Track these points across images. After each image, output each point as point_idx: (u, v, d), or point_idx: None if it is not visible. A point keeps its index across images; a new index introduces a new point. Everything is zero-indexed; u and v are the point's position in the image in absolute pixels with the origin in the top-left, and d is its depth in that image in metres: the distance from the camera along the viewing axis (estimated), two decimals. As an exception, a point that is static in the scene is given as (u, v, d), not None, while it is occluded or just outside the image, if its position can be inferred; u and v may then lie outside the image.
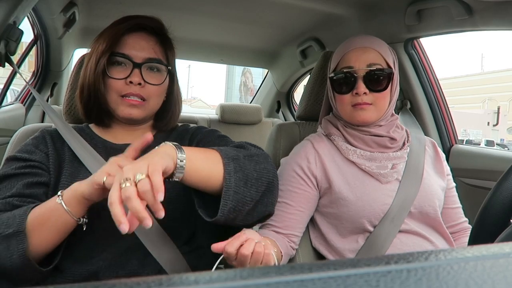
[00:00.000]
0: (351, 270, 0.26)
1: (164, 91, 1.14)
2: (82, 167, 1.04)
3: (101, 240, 0.98)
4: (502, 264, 0.28)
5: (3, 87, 2.41)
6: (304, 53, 2.73)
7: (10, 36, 1.19)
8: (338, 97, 1.26)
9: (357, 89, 1.19)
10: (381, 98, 1.21)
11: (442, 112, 2.11)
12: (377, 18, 1.90)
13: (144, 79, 1.06)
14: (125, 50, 1.07)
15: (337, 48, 1.32)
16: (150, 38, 1.11)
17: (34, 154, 1.04)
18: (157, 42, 1.12)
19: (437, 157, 1.35)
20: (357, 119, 1.21)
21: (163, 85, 1.11)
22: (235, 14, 2.17)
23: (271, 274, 0.25)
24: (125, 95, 1.05)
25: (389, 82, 1.21)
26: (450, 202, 1.32)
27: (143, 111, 1.08)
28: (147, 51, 1.08)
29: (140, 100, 1.06)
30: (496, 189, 0.80)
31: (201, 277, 0.25)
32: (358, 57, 1.21)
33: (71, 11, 1.91)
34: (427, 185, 1.23)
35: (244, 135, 3.04)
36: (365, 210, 1.17)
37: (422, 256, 0.29)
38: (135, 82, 1.04)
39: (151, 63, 1.08)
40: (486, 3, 1.43)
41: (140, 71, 1.05)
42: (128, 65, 1.06)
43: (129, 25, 1.09)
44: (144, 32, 1.11)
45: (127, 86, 1.05)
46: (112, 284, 0.24)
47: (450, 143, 2.09)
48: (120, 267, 0.97)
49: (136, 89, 1.05)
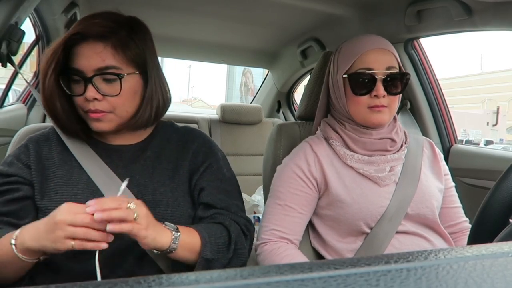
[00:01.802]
0: (351, 269, 0.26)
1: (132, 96, 1.04)
2: (74, 169, 1.04)
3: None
4: (501, 263, 0.29)
5: (5, 87, 2.41)
6: (305, 53, 2.73)
7: (11, 36, 1.19)
8: (353, 98, 1.22)
9: (377, 91, 1.17)
10: (394, 101, 1.21)
11: (441, 112, 2.11)
12: (377, 18, 1.90)
13: (100, 93, 0.98)
14: (74, 65, 0.99)
15: (345, 46, 1.29)
16: (97, 44, 0.98)
17: (13, 167, 1.02)
18: (107, 46, 0.99)
19: (435, 158, 1.34)
20: (373, 121, 1.20)
21: (124, 94, 1.01)
22: (236, 15, 2.17)
23: (271, 274, 0.25)
24: (87, 111, 1.00)
25: (404, 85, 1.21)
26: (449, 202, 1.31)
27: (110, 122, 1.02)
28: (95, 60, 0.98)
29: (104, 112, 1.00)
30: (495, 189, 0.80)
31: (202, 276, 0.25)
32: (377, 59, 1.19)
33: (72, 12, 1.91)
34: (424, 186, 1.23)
35: (244, 135, 3.05)
36: (361, 212, 1.17)
37: (421, 255, 0.29)
38: (90, 98, 0.97)
39: (102, 76, 0.98)
40: (486, 4, 1.43)
41: (93, 86, 0.97)
42: (81, 80, 0.99)
43: (74, 37, 0.98)
44: (91, 39, 0.99)
45: (86, 102, 0.99)
46: (113, 283, 0.24)
47: (449, 143, 2.09)
48: (117, 266, 0.97)
49: (95, 104, 0.99)
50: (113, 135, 1.10)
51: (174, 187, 1.07)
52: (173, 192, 1.06)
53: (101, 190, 1.00)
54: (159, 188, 1.05)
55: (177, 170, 1.10)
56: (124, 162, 1.07)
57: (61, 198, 0.98)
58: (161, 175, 1.08)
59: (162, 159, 1.11)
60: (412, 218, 1.20)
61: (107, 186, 1.01)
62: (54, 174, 1.03)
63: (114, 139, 1.11)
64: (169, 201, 1.05)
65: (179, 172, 1.10)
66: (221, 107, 3.05)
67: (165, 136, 1.17)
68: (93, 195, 0.98)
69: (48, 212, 0.96)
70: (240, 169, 2.86)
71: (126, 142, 1.11)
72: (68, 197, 0.98)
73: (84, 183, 1.01)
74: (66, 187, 1.00)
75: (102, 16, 1.02)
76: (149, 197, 1.03)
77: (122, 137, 1.11)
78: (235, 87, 11.57)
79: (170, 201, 1.05)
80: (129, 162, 1.08)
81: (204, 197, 1.09)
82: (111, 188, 1.00)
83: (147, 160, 1.10)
